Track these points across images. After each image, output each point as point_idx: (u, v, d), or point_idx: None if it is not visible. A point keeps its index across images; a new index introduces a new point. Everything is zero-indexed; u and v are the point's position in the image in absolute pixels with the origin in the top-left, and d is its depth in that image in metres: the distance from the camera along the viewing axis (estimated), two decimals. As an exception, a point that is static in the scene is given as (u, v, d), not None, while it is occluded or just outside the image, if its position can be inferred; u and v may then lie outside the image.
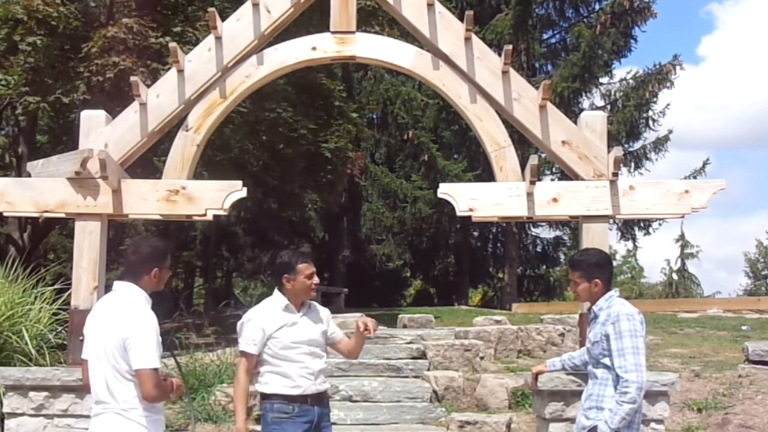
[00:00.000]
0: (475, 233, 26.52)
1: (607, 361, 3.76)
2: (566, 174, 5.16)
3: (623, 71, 38.95)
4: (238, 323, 4.06)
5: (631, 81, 22.67)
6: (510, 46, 5.07)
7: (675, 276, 42.03)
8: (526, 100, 5.07)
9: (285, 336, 3.94)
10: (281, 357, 3.93)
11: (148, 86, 5.31)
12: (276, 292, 4.08)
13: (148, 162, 11.37)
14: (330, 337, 4.18)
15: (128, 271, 3.46)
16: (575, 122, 5.16)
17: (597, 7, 23.52)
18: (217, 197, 5.00)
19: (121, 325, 3.27)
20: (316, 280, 4.07)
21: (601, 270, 3.94)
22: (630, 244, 26.38)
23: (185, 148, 5.13)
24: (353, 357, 4.45)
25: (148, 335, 3.26)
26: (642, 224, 22.80)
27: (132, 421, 3.28)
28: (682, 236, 41.89)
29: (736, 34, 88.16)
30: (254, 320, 3.98)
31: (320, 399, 4.03)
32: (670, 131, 23.09)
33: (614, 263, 4.76)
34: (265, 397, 3.97)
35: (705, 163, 22.65)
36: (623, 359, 3.64)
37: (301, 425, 3.90)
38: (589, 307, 4.06)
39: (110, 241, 5.23)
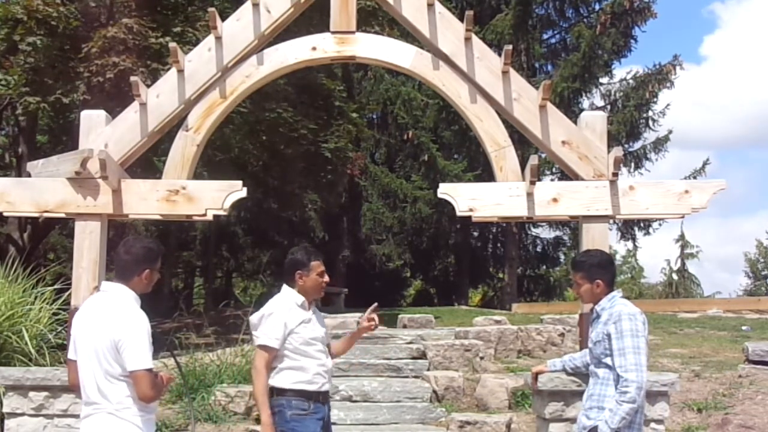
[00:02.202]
0: (475, 233, 26.50)
1: (608, 360, 3.76)
2: (566, 174, 5.16)
3: (623, 71, 39.02)
4: (256, 316, 3.96)
5: (631, 81, 22.66)
6: (510, 46, 5.06)
7: (675, 276, 42.11)
8: (526, 100, 5.06)
9: (305, 332, 3.92)
10: (300, 352, 3.89)
11: (148, 86, 5.30)
12: (286, 287, 4.03)
13: (148, 162, 11.37)
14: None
15: (119, 272, 3.43)
16: (575, 122, 5.16)
17: (597, 7, 23.51)
18: (217, 197, 4.99)
19: (113, 327, 3.25)
20: (326, 278, 4.06)
21: (603, 271, 3.95)
22: (630, 244, 26.46)
23: (185, 148, 5.12)
24: (336, 356, 4.33)
25: (141, 336, 3.24)
26: (642, 224, 22.78)
27: (126, 421, 3.27)
28: (682, 236, 42.02)
29: (738, 34, 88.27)
30: (276, 314, 3.90)
31: (327, 398, 4.04)
32: (670, 131, 23.10)
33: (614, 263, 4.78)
34: (280, 392, 3.87)
35: (705, 163, 22.68)
36: (624, 359, 3.65)
37: (316, 422, 3.89)
38: (591, 308, 4.07)
39: (110, 241, 5.22)
